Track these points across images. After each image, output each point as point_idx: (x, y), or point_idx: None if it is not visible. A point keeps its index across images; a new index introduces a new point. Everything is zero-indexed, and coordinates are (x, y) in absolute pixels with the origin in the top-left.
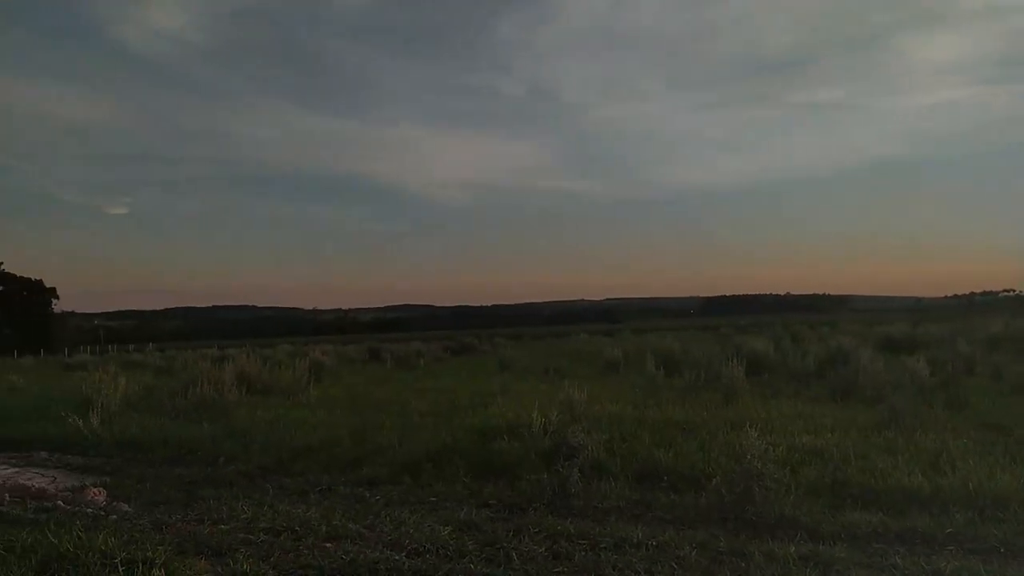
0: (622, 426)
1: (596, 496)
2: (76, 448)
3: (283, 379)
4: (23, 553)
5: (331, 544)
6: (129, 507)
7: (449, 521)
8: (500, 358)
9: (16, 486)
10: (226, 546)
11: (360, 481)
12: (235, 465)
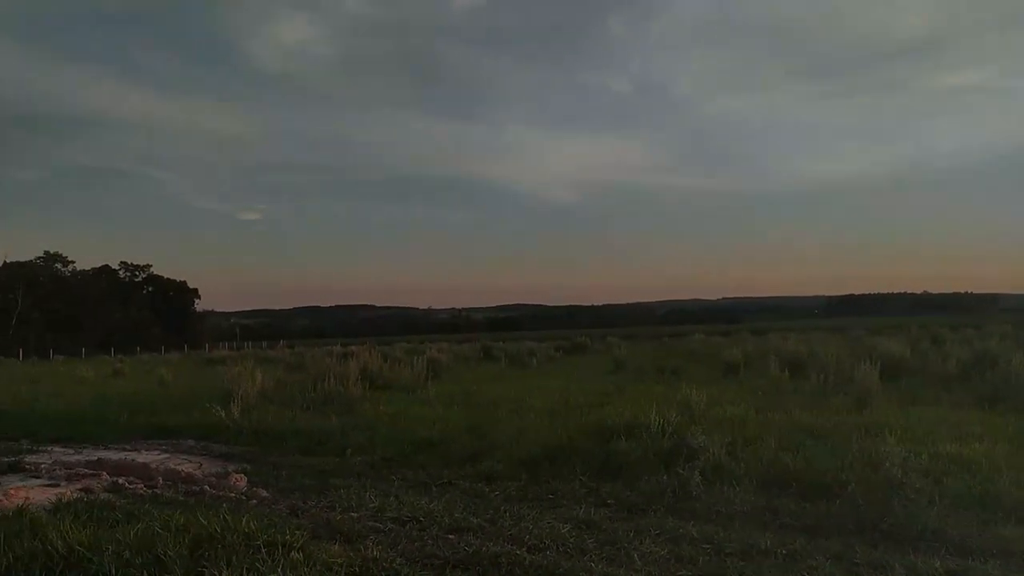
0: (745, 429)
1: (719, 500)
2: (219, 436)
3: (403, 375)
4: (178, 532)
5: (454, 536)
6: (267, 493)
7: (568, 519)
8: (613, 358)
9: (168, 470)
10: (357, 533)
11: (479, 476)
12: (362, 456)
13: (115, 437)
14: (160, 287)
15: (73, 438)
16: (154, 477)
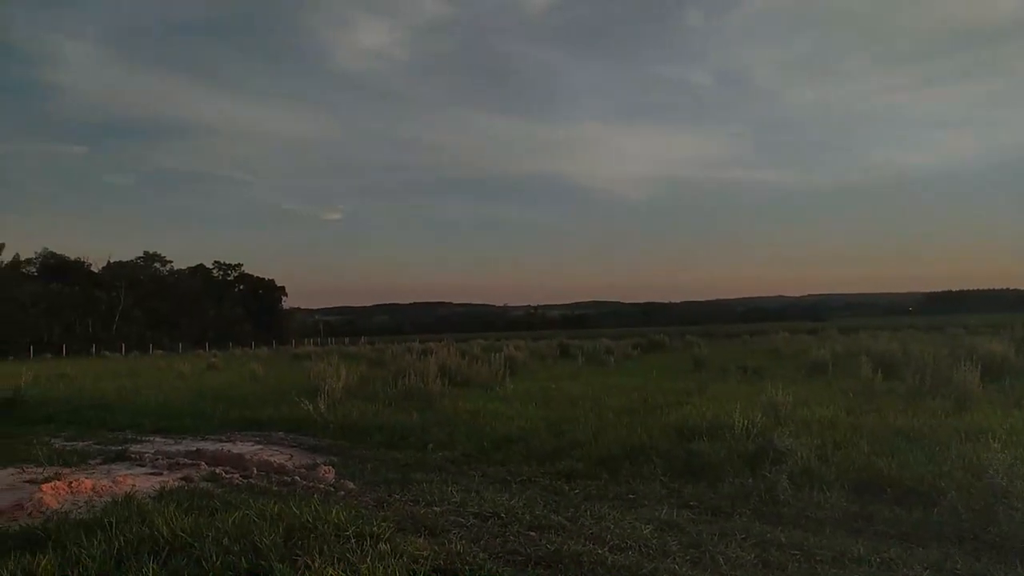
0: (835, 432)
1: (808, 505)
2: (307, 429)
3: (481, 373)
4: (273, 521)
5: (535, 533)
6: (354, 485)
7: (650, 520)
8: (693, 356)
9: (262, 461)
10: (440, 527)
11: (558, 474)
12: (442, 452)
13: (211, 429)
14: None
15: (173, 429)
16: (248, 468)
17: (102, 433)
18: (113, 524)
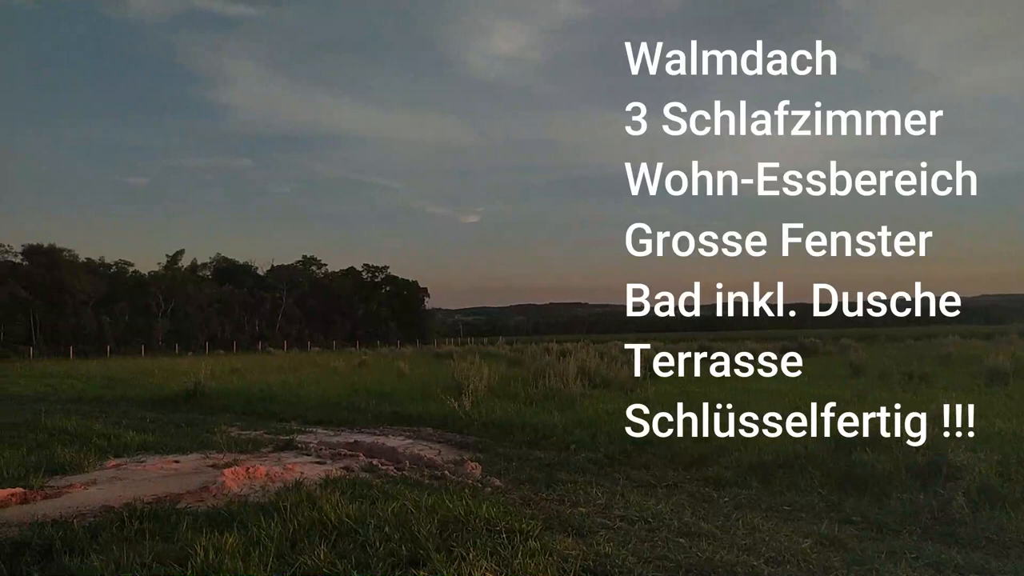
0: (1019, 447)
1: (989, 526)
2: (452, 426)
3: (620, 374)
4: (427, 512)
5: (684, 540)
6: (500, 482)
7: (808, 533)
8: (849, 361)
9: (413, 455)
10: (587, 528)
11: (706, 480)
12: (585, 453)
13: (365, 422)
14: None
15: (331, 421)
16: (401, 460)
17: (271, 423)
18: (287, 508)
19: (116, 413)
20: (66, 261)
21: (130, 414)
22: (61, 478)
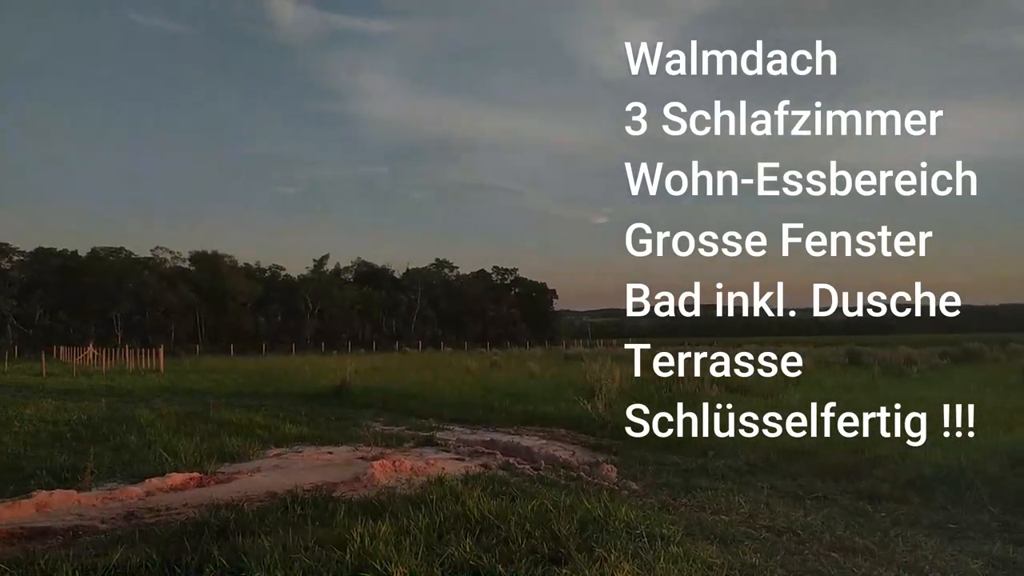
0: None
1: None
2: (585, 427)
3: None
4: (566, 512)
5: (837, 555)
6: (637, 486)
7: (979, 554)
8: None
9: (548, 455)
10: (731, 536)
11: (859, 493)
12: (725, 459)
13: (499, 421)
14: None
15: (467, 420)
16: (537, 460)
17: (410, 420)
18: (432, 501)
19: (273, 406)
20: (227, 266)
21: (285, 408)
22: (230, 465)
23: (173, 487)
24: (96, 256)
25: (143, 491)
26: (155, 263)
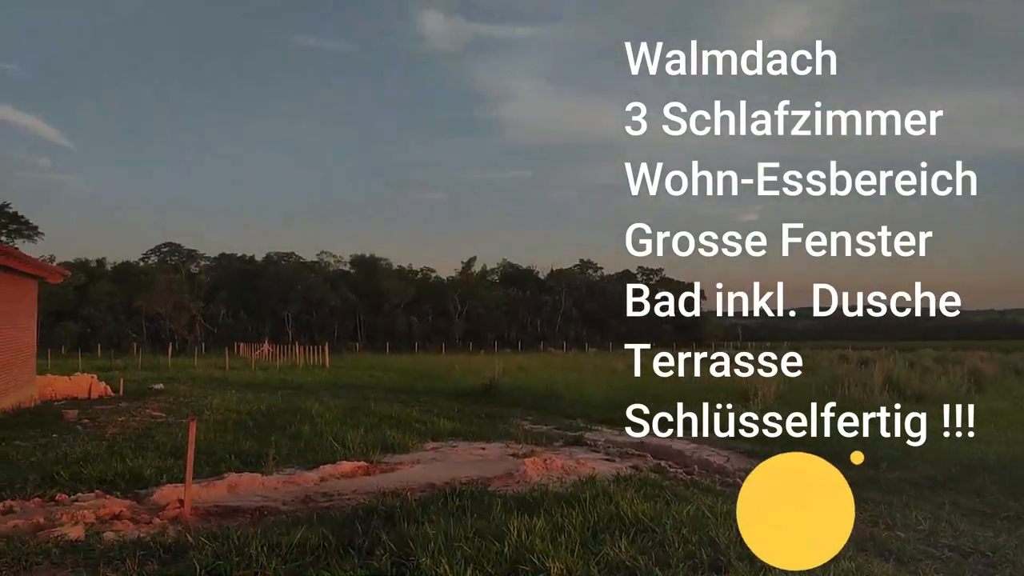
0: None
1: None
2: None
3: (937, 387)
4: (724, 518)
5: None
6: None
7: None
8: None
9: (701, 459)
10: (908, 554)
11: None
12: (898, 472)
13: None
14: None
15: (615, 420)
16: (689, 464)
17: (558, 419)
18: (586, 500)
19: (427, 403)
20: (383, 269)
21: (438, 404)
22: (392, 456)
23: (343, 474)
24: (270, 260)
25: (317, 477)
26: (320, 267)
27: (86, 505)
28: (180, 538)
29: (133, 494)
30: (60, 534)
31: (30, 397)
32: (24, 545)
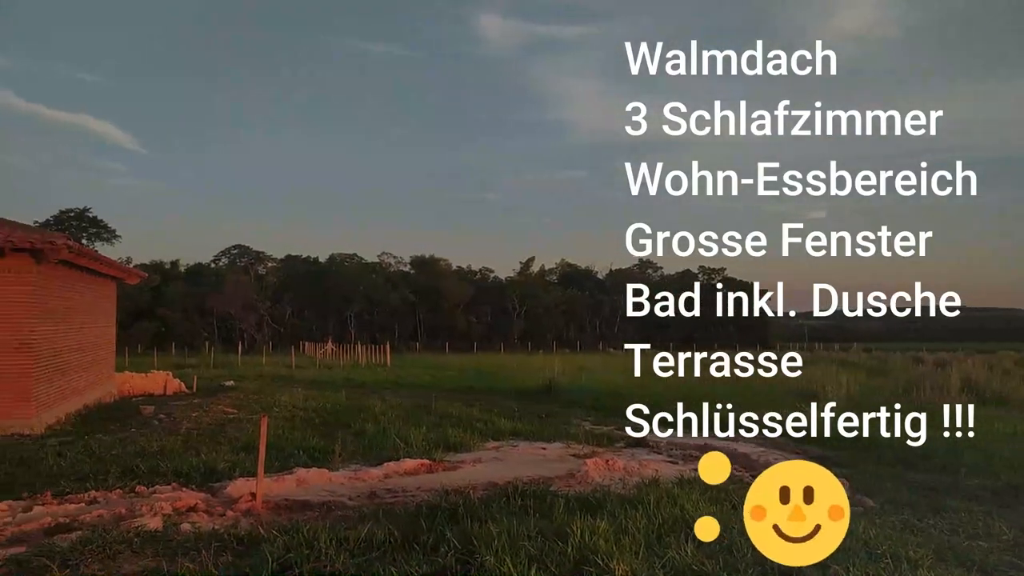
0: None
1: None
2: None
3: (1020, 389)
4: None
5: None
6: (873, 503)
7: None
8: None
9: (768, 463)
10: (991, 566)
11: None
12: (978, 479)
13: None
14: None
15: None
16: (756, 468)
17: (618, 419)
18: (649, 503)
19: (487, 402)
20: (442, 269)
21: (498, 403)
22: (454, 455)
23: (407, 471)
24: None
25: (382, 473)
26: (381, 267)
27: (164, 497)
28: (252, 531)
29: (207, 487)
30: (140, 524)
31: (110, 393)
32: (108, 534)
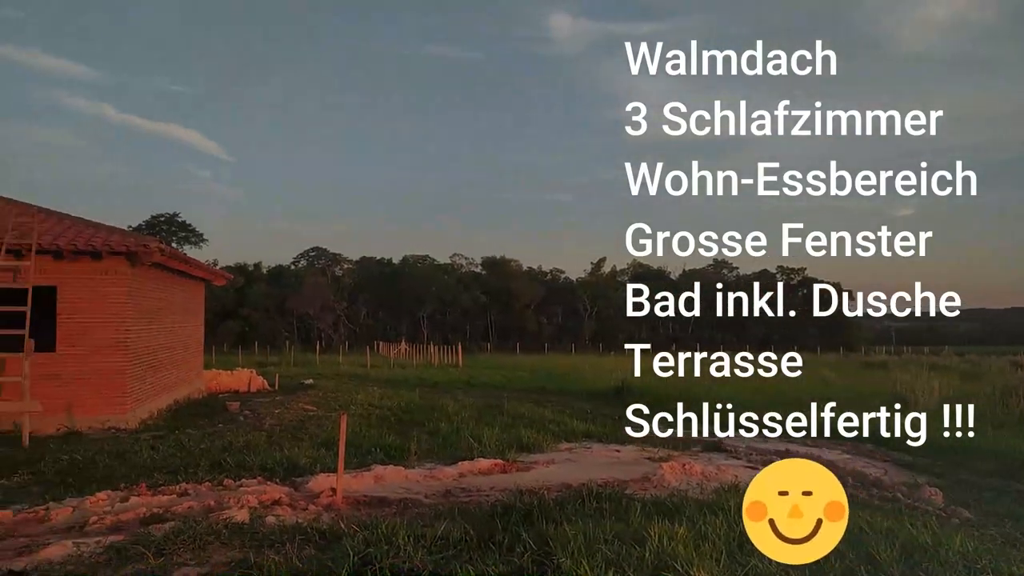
0: None
1: None
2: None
3: None
4: (884, 535)
5: None
6: (969, 514)
7: None
8: None
9: (855, 471)
10: None
11: None
12: None
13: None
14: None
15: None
16: (842, 476)
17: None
18: (730, 509)
19: (559, 403)
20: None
21: (570, 405)
22: (527, 455)
23: (481, 471)
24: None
25: (456, 472)
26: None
27: (250, 490)
28: (334, 525)
29: (290, 481)
30: (228, 517)
31: (199, 389)
32: (198, 525)
